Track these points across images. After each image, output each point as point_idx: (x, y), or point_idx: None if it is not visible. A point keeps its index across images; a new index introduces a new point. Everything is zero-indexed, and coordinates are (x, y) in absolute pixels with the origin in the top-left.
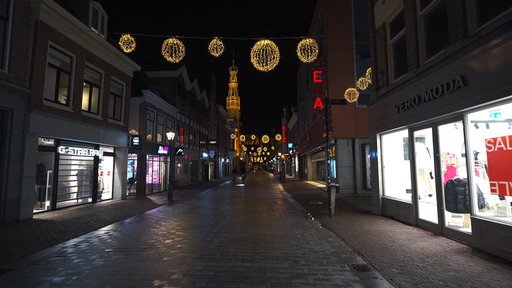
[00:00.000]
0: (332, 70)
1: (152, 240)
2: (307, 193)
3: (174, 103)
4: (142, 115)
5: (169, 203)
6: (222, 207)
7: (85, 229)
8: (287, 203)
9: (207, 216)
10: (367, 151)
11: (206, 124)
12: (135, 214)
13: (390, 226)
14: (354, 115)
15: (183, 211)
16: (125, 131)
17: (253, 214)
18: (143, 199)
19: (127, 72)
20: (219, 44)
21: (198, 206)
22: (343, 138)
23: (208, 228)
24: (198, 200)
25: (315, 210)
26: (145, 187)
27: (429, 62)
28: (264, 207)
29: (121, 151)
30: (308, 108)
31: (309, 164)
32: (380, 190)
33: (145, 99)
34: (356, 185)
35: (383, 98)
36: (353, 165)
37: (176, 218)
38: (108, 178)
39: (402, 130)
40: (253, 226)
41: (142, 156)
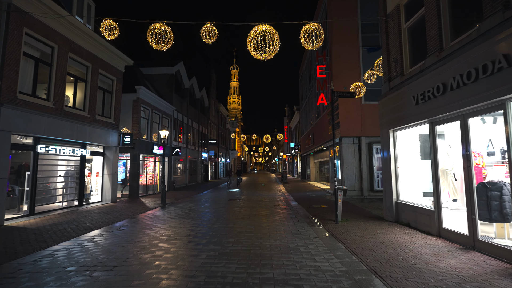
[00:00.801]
0: (337, 64)
1: (128, 255)
2: (310, 195)
3: (171, 100)
4: (135, 112)
5: (162, 207)
6: (217, 211)
7: (57, 238)
8: (289, 207)
9: (199, 223)
10: (374, 150)
11: (206, 123)
12: (120, 220)
13: (408, 236)
14: (360, 112)
15: (174, 216)
16: (115, 129)
17: (251, 219)
18: (135, 202)
19: (117, 66)
20: (212, 29)
21: (192, 210)
22: (348, 137)
23: (197, 238)
24: (193, 203)
25: (320, 215)
26: (138, 188)
27: (455, 43)
28: (264, 211)
29: (111, 150)
30: (311, 106)
31: (312, 164)
32: (394, 194)
33: (138, 95)
34: (363, 187)
35: (397, 90)
36: (359, 165)
37: (165, 224)
38: (97, 179)
39: (421, 125)
40: (249, 235)
41: (135, 156)
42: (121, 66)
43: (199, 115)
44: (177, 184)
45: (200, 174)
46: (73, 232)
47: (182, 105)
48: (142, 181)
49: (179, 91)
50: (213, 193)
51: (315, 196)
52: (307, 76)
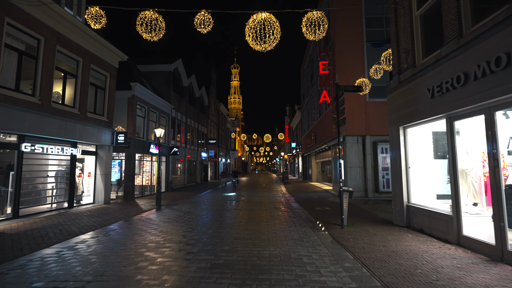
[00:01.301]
0: (340, 60)
1: (108, 267)
2: (312, 196)
3: (169, 98)
4: (131, 110)
5: (157, 209)
6: (214, 214)
7: (35, 246)
8: (290, 209)
9: (194, 227)
10: (379, 149)
11: (205, 123)
12: (110, 224)
13: (423, 245)
14: (364, 109)
15: (167, 220)
16: (108, 127)
17: (250, 223)
18: (130, 203)
19: (111, 62)
20: (207, 17)
21: (187, 213)
22: (352, 136)
23: (189, 245)
24: (190, 204)
25: (323, 218)
26: (133, 189)
27: (479, 27)
28: (264, 214)
29: (104, 149)
30: (312, 104)
31: (313, 164)
32: (405, 196)
33: (134, 92)
34: (367, 188)
35: (409, 83)
36: (363, 165)
37: (156, 229)
38: (89, 180)
39: (436, 121)
40: (246, 242)
41: (131, 156)
42: (114, 62)
43: (199, 114)
44: (175, 184)
45: (199, 175)
46: (55, 238)
47: (180, 103)
48: (139, 181)
49: (178, 89)
50: (212, 194)
51: (318, 198)
52: (309, 74)
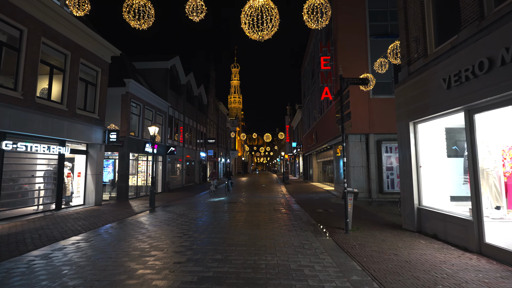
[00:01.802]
0: (343, 55)
1: (78, 281)
2: (313, 197)
3: (166, 96)
4: (125, 108)
5: (150, 211)
6: (210, 216)
7: (6, 254)
8: (291, 211)
9: (185, 232)
10: (383, 148)
11: (204, 122)
12: (96, 227)
13: (440, 253)
14: (368, 107)
15: (158, 223)
16: (100, 125)
17: (247, 227)
18: (123, 204)
19: (102, 56)
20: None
21: (181, 215)
22: (355, 134)
23: (176, 253)
24: (185, 206)
25: (326, 221)
26: (127, 190)
27: (504, 6)
28: (262, 216)
29: (95, 148)
30: (313, 103)
31: (314, 164)
32: (415, 198)
33: (128, 89)
34: (371, 189)
35: (420, 74)
36: (367, 165)
37: (144, 234)
38: (79, 180)
39: (452, 114)
40: (241, 249)
41: (124, 155)
42: (106, 57)
43: (197, 113)
44: (172, 185)
45: (198, 175)
46: (31, 244)
47: (178, 102)
48: (133, 182)
49: (175, 87)
50: (209, 195)
51: (319, 199)
52: (310, 71)
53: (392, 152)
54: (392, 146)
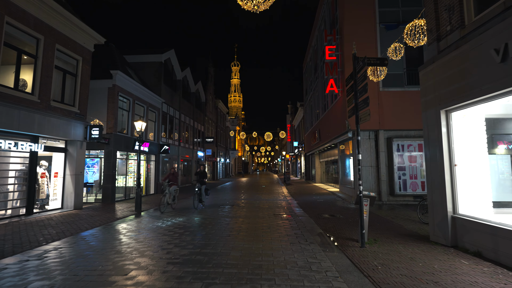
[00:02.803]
0: (350, 44)
1: None
2: (317, 200)
3: (159, 92)
4: (111, 102)
5: (135, 215)
6: (200, 223)
7: None
8: (293, 216)
9: (165, 245)
10: (394, 146)
11: (202, 120)
12: (61, 238)
13: (496, 282)
14: (377, 100)
15: (138, 232)
16: (80, 119)
17: (240, 239)
18: (107, 208)
19: (83, 44)
20: None
21: (168, 222)
22: (363, 130)
23: (143, 276)
24: (176, 210)
25: (334, 230)
26: (113, 192)
27: None
28: (260, 223)
29: (74, 145)
30: (316, 99)
31: (317, 164)
32: (449, 204)
33: (114, 82)
34: (381, 190)
35: (456, 49)
36: (376, 165)
37: (114, 248)
38: (57, 181)
39: (504, 97)
40: (229, 273)
41: (110, 153)
42: (89, 44)
43: (194, 111)
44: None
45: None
46: None
47: (173, 98)
48: (122, 183)
49: (170, 82)
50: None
51: (324, 202)
52: (312, 67)
53: (404, 150)
54: (404, 143)
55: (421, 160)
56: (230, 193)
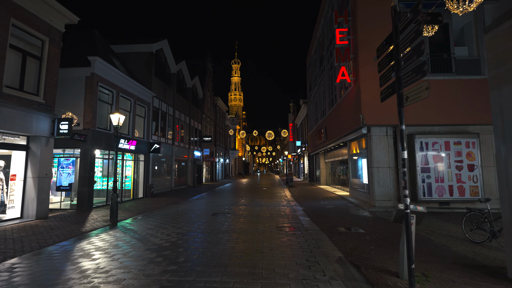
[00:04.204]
0: (363, 26)
1: None
2: (325, 206)
3: (150, 84)
4: (89, 93)
5: (109, 227)
6: (184, 239)
7: None
8: (300, 229)
9: (121, 280)
10: (417, 144)
11: (199, 118)
12: None
13: None
14: None
15: (97, 254)
16: (46, 111)
17: (230, 273)
18: (79, 216)
19: (50, 22)
20: None
21: (141, 240)
22: (379, 126)
23: None
24: (161, 219)
25: (359, 253)
26: (91, 197)
27: None
28: (259, 240)
29: (38, 142)
30: (322, 94)
31: (322, 165)
32: None
33: (93, 70)
34: (401, 196)
35: None
36: (395, 166)
37: (51, 281)
38: (16, 185)
39: None
40: None
41: (87, 152)
42: (58, 23)
43: (191, 107)
44: (158, 188)
45: (191, 176)
46: None
47: (166, 92)
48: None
49: (162, 76)
50: (199, 201)
51: (334, 208)
52: (317, 59)
53: (429, 148)
54: (428, 141)
55: (448, 161)
56: (227, 197)
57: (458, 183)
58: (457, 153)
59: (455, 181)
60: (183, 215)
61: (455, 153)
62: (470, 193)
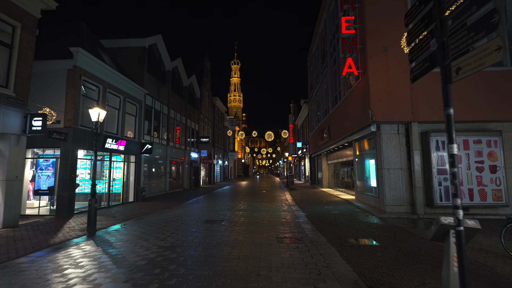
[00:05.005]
0: (372, 13)
1: None
2: (330, 212)
3: (142, 81)
4: (71, 87)
5: (86, 236)
6: (165, 254)
7: None
8: (304, 241)
9: None
10: (433, 143)
11: (197, 118)
12: None
13: None
14: (409, 84)
15: (58, 275)
16: (16, 106)
17: None
18: (55, 224)
19: (23, 5)
20: None
21: (115, 255)
22: (390, 123)
23: None
24: (143, 227)
25: (380, 276)
26: (72, 201)
27: None
28: (257, 257)
29: (7, 140)
30: (325, 92)
31: (324, 167)
32: None
33: (76, 62)
34: (415, 200)
35: None
36: (407, 167)
37: None
38: None
39: None
40: None
41: (68, 152)
42: (32, 7)
43: (187, 107)
44: (151, 192)
45: (188, 179)
46: None
47: (160, 90)
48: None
49: (156, 73)
50: (193, 206)
51: (341, 215)
52: (319, 56)
53: (446, 148)
54: (445, 139)
55: (467, 161)
56: (224, 200)
57: (479, 187)
58: (477, 152)
59: (475, 184)
60: (172, 222)
61: (475, 153)
62: (492, 197)
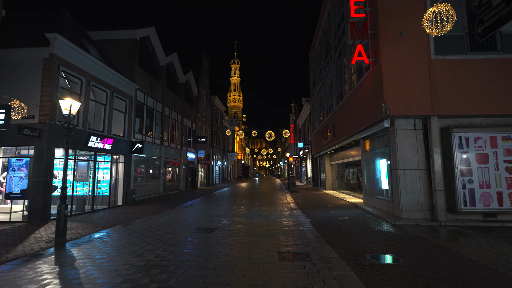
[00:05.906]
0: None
1: None
2: (338, 218)
3: (132, 75)
4: (48, 78)
5: (54, 249)
6: (134, 279)
7: None
8: (311, 257)
9: None
10: (455, 140)
11: (194, 117)
12: None
13: None
14: (428, 73)
15: None
16: None
17: None
18: (23, 232)
19: None
20: None
21: (73, 278)
22: (405, 117)
23: None
24: (123, 238)
25: None
26: (47, 206)
27: None
28: (249, 281)
29: None
30: (329, 88)
31: (327, 168)
32: None
33: (53, 50)
34: (436, 205)
35: None
36: (426, 167)
37: None
38: None
39: None
40: None
41: (43, 151)
42: None
43: (183, 105)
44: (143, 194)
45: (184, 180)
46: None
47: (153, 86)
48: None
49: (149, 67)
50: (187, 210)
51: (350, 221)
52: (322, 50)
53: (470, 146)
54: (469, 136)
55: (495, 161)
56: (221, 204)
57: (509, 189)
58: (506, 151)
59: (505, 186)
60: (157, 231)
61: (504, 151)
62: None
